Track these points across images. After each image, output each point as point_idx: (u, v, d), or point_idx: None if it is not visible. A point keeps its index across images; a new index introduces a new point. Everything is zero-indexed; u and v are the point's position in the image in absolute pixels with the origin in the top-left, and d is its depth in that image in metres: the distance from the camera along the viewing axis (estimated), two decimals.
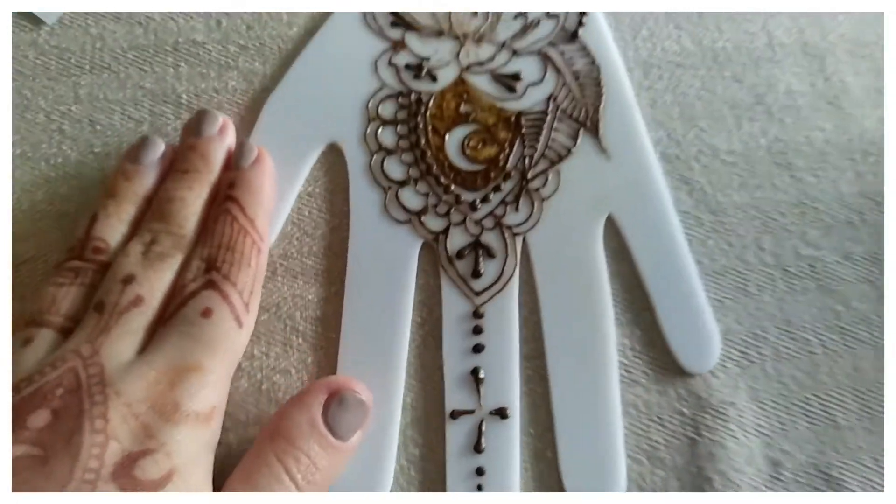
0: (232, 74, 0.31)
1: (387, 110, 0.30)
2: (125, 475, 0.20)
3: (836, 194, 0.30)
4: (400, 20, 0.32)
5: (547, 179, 0.29)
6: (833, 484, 0.25)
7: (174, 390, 0.22)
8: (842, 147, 0.31)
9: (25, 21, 0.31)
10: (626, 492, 0.25)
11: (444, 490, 0.25)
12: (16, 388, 0.22)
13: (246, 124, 0.30)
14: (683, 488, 0.25)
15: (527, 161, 0.30)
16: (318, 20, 0.31)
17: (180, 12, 0.31)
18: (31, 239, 0.27)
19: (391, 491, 0.25)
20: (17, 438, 0.20)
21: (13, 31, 0.30)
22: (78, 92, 0.30)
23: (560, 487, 0.25)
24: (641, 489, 0.25)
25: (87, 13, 0.31)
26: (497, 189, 0.29)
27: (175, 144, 0.28)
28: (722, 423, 0.26)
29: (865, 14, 0.33)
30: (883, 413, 0.26)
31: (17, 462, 0.20)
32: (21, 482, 0.20)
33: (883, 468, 0.26)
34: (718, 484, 0.25)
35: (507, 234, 0.29)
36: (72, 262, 0.25)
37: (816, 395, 0.27)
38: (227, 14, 0.31)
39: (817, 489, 0.25)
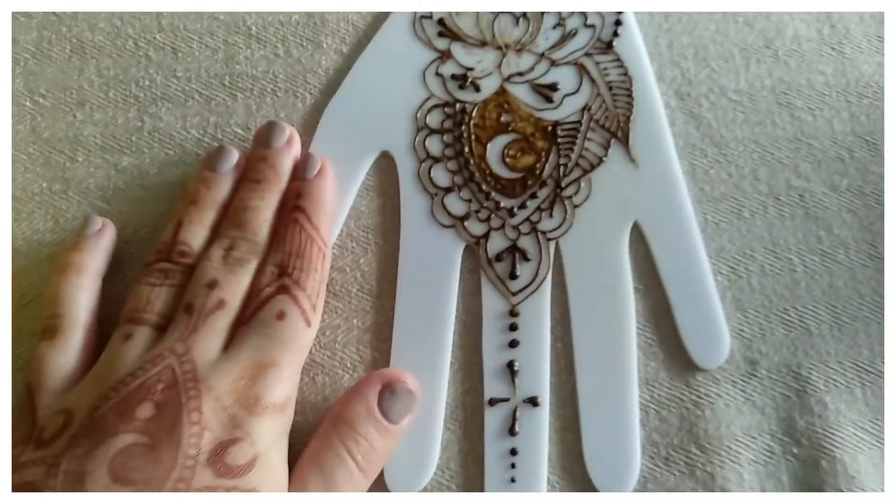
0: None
1: (434, 120, 0.32)
2: (218, 461, 0.23)
3: (830, 132, 0.33)
4: (447, 30, 0.33)
5: (579, 187, 0.31)
6: (801, 381, 0.30)
7: (255, 385, 0.25)
8: (840, 89, 0.34)
9: None
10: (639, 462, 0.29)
11: (482, 468, 0.28)
12: (123, 382, 0.24)
13: (307, 54, 0.34)
14: (672, 379, 0.30)
15: (561, 169, 0.32)
16: None
17: None
18: (127, 151, 0.32)
19: (435, 467, 0.28)
20: (126, 428, 0.23)
21: None
22: (161, 22, 0.34)
23: (583, 467, 0.29)
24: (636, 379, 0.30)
25: None
26: (533, 196, 0.31)
27: (246, 149, 0.31)
28: None
29: None
30: (851, 324, 0.30)
31: (129, 449, 0.23)
32: (134, 468, 0.22)
33: (846, 372, 0.30)
34: (700, 376, 0.30)
35: (541, 239, 0.31)
36: (161, 264, 0.28)
37: (794, 306, 0.31)
38: None
39: (787, 385, 0.30)
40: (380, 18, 0.34)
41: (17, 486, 0.23)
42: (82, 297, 0.28)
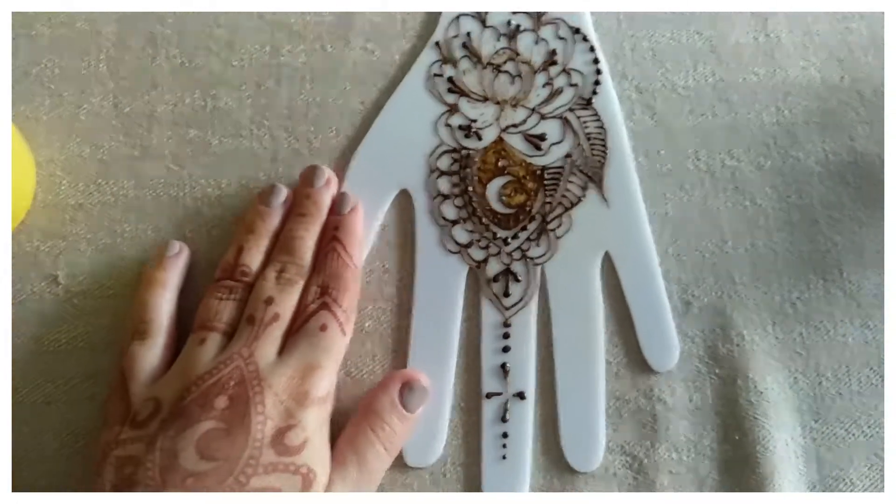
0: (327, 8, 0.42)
1: (444, 163, 0.38)
2: (279, 443, 0.29)
3: (759, 123, 0.41)
4: (455, 87, 0.39)
5: (561, 222, 0.37)
6: (725, 318, 0.37)
7: (304, 383, 0.30)
8: (769, 88, 0.41)
9: None
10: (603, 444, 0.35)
11: (480, 447, 0.35)
12: (201, 378, 0.30)
13: (338, 49, 0.41)
14: (618, 317, 0.37)
15: (547, 207, 0.37)
16: None
17: None
18: (193, 125, 0.39)
19: (443, 447, 0.35)
20: (207, 416, 0.28)
21: None
22: (219, 19, 0.41)
23: (559, 448, 0.35)
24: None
25: None
26: (524, 229, 0.37)
27: (294, 186, 0.37)
28: None
29: None
30: (766, 275, 0.38)
31: (210, 432, 0.28)
32: (216, 448, 0.28)
33: (761, 312, 0.37)
34: None
35: (529, 265, 0.37)
36: (226, 282, 0.33)
37: (722, 259, 0.38)
38: None
39: (713, 321, 0.37)
40: (398, 18, 0.42)
41: (121, 459, 0.28)
42: (165, 306, 0.34)
